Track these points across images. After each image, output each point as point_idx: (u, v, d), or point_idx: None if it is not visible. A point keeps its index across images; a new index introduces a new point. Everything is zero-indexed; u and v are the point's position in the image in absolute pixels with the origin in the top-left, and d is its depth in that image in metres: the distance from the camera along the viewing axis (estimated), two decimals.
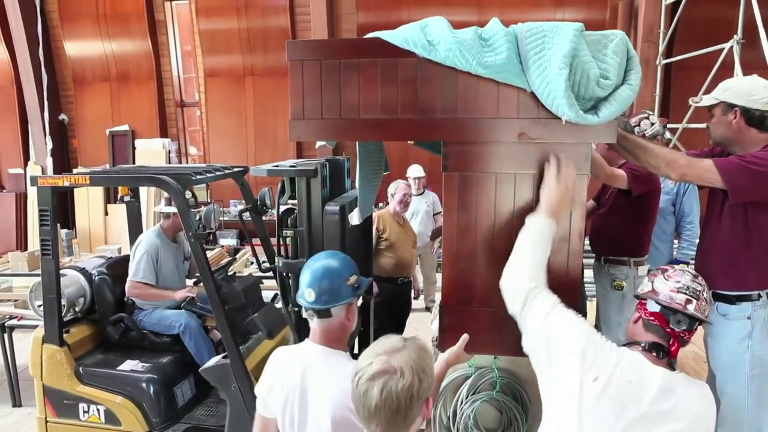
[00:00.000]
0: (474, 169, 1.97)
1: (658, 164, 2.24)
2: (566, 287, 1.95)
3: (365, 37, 2.01)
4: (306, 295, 1.81)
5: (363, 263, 3.41)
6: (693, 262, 4.16)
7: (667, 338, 1.62)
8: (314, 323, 1.83)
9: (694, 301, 1.63)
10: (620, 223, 3.22)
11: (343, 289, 1.81)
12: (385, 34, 1.93)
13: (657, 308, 1.64)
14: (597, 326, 3.92)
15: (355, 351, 3.54)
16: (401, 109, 1.95)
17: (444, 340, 2.04)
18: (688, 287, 1.65)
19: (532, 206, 1.94)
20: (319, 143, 2.51)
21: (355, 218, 2.57)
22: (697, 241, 4.08)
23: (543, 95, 1.80)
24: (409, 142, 2.69)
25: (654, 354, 1.60)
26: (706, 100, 2.45)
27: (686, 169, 2.24)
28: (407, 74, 1.92)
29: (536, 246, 1.79)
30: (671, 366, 1.62)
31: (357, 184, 2.47)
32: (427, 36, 1.88)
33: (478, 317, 2.04)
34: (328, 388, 1.72)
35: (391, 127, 1.98)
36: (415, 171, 6.13)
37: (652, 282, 1.73)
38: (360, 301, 1.96)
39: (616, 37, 1.82)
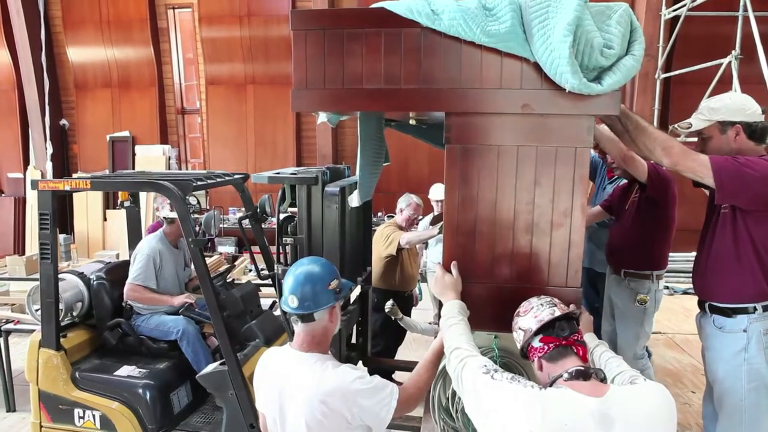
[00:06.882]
0: (476, 141, 1.96)
1: (653, 148, 2.20)
2: (568, 263, 1.95)
3: (370, 6, 2.00)
4: (289, 301, 1.84)
5: (361, 252, 3.42)
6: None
7: (570, 351, 1.59)
8: (298, 327, 1.87)
9: (554, 307, 1.66)
10: (643, 235, 3.12)
11: (324, 294, 1.84)
12: (389, 4, 1.93)
13: (540, 344, 1.62)
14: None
15: (353, 341, 3.60)
16: (404, 80, 1.94)
17: None
18: (540, 304, 1.69)
19: (534, 180, 1.93)
20: (320, 119, 2.49)
21: (354, 200, 2.57)
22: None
23: (546, 64, 1.78)
24: (410, 120, 2.64)
25: (580, 379, 1.52)
26: (698, 123, 2.41)
27: (680, 158, 2.21)
28: (411, 44, 1.91)
29: (452, 324, 1.86)
30: (600, 378, 1.56)
31: (357, 168, 2.47)
32: (431, 5, 1.88)
33: (479, 293, 2.02)
34: (302, 392, 1.77)
35: (394, 97, 1.96)
36: (439, 193, 4.95)
37: (519, 329, 1.72)
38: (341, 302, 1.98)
39: (620, 8, 1.82)
